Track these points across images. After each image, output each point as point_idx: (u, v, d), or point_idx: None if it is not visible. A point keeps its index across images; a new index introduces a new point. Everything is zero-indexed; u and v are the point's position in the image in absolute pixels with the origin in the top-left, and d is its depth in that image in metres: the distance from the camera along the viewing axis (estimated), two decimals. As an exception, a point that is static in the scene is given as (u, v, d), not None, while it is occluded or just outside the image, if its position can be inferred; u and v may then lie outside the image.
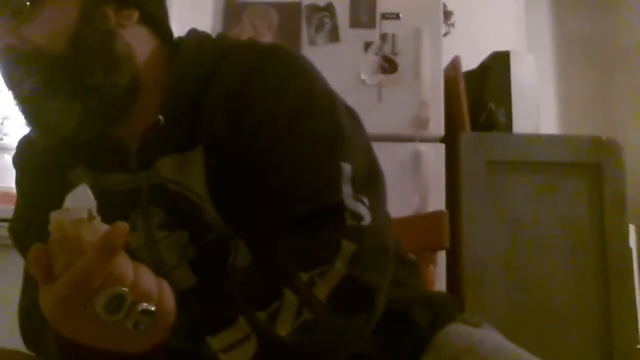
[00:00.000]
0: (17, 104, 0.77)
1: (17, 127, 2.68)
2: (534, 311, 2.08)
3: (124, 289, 0.56)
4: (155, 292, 0.59)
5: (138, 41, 0.80)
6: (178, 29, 0.86)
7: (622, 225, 2.15)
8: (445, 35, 2.52)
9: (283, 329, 0.64)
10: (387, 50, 2.20)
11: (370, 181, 0.76)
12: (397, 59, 2.19)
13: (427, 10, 2.24)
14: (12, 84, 0.76)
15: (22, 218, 0.92)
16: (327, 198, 0.71)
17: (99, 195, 0.81)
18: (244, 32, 3.00)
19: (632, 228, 2.39)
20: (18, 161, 0.94)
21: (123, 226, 0.56)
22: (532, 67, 2.42)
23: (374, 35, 2.21)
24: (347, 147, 0.76)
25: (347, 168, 0.73)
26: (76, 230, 0.56)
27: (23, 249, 0.91)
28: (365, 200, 0.72)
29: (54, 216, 0.56)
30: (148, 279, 0.59)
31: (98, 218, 0.57)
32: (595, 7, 3.25)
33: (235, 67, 0.80)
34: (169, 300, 0.61)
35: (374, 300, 0.69)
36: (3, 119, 2.66)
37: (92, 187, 0.82)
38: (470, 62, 2.44)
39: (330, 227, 0.70)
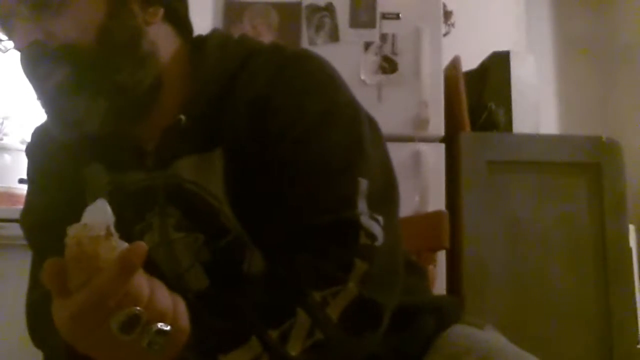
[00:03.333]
0: (40, 99, 0.75)
1: (17, 127, 2.69)
2: (533, 311, 2.08)
3: (139, 309, 0.55)
4: (170, 311, 0.59)
5: (162, 39, 0.80)
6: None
7: (622, 225, 2.15)
8: (445, 35, 2.52)
9: (294, 349, 0.65)
10: (387, 50, 2.20)
11: (386, 198, 0.77)
12: (397, 59, 2.19)
13: (427, 10, 2.24)
14: (36, 79, 0.74)
15: (34, 211, 0.90)
16: (343, 213, 0.72)
17: (114, 193, 0.79)
18: (244, 32, 3.00)
19: (632, 228, 2.39)
20: (32, 151, 0.92)
21: (141, 246, 0.56)
22: (532, 67, 2.42)
23: (374, 35, 2.21)
24: (366, 162, 0.76)
25: (364, 184, 0.73)
26: (94, 247, 0.55)
27: (34, 243, 0.89)
28: (380, 219, 0.73)
29: (72, 231, 0.56)
30: (163, 297, 0.59)
31: (116, 235, 0.57)
32: (595, 7, 3.25)
33: (261, 71, 0.79)
34: (184, 318, 0.61)
35: (381, 318, 0.70)
36: (3, 119, 2.66)
37: (108, 185, 0.81)
38: (470, 62, 2.44)
39: (345, 244, 0.70)
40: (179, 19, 0.83)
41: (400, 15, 2.22)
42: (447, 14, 2.90)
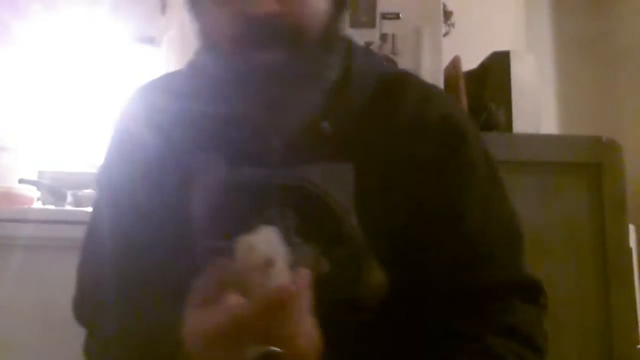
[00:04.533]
0: (240, 69, 0.71)
1: (17, 128, 2.68)
2: (533, 311, 2.07)
3: (279, 350, 0.53)
4: (312, 355, 0.57)
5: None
6: (178, 28, 0.87)
7: (622, 226, 2.15)
8: (445, 35, 2.52)
9: None
10: (387, 50, 2.20)
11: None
12: (397, 59, 2.19)
13: (427, 10, 2.24)
14: (248, 49, 0.71)
15: (126, 189, 0.83)
16: (524, 272, 0.79)
17: (230, 186, 0.77)
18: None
19: (632, 228, 2.39)
20: (131, 114, 0.87)
21: (300, 288, 0.54)
22: (532, 67, 2.42)
23: (374, 35, 2.21)
24: (516, 215, 0.83)
25: (524, 243, 0.80)
26: (251, 273, 0.54)
27: (115, 225, 0.82)
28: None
29: (240, 248, 0.55)
30: (308, 338, 0.57)
31: (279, 266, 0.55)
32: (595, 7, 3.24)
33: (410, 100, 0.79)
34: None
35: None
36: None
37: (225, 177, 0.78)
38: (470, 62, 2.44)
39: (531, 305, 0.75)
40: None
41: (400, 15, 2.22)
42: (447, 14, 2.89)
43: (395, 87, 0.82)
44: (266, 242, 0.56)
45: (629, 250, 2.18)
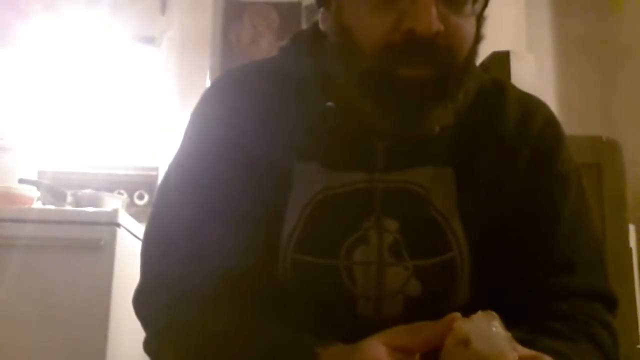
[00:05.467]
0: (382, 79, 0.70)
1: (17, 128, 2.68)
2: (534, 311, 2.07)
3: None
4: None
5: None
6: (178, 28, 0.86)
7: (622, 225, 2.15)
8: (445, 35, 2.52)
9: None
10: (387, 50, 2.19)
11: None
12: (397, 59, 2.18)
13: (427, 10, 2.24)
14: (397, 61, 0.70)
15: (191, 165, 0.80)
16: (608, 284, 0.80)
17: (328, 197, 0.76)
18: (244, 32, 3.00)
19: (632, 228, 2.39)
20: (225, 105, 0.81)
21: None
22: (532, 67, 2.42)
23: (374, 35, 2.21)
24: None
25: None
26: None
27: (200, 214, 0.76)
28: None
29: (450, 339, 0.54)
30: None
31: None
32: (595, 7, 3.24)
33: (512, 110, 0.81)
34: None
35: None
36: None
37: (323, 189, 0.76)
38: (470, 62, 2.44)
39: (610, 314, 0.80)
40: None
41: (400, 15, 2.22)
42: (447, 14, 2.89)
43: (495, 95, 0.83)
44: (484, 335, 0.53)
45: (629, 250, 2.18)
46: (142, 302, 0.77)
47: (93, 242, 2.02)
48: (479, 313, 0.55)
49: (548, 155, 0.81)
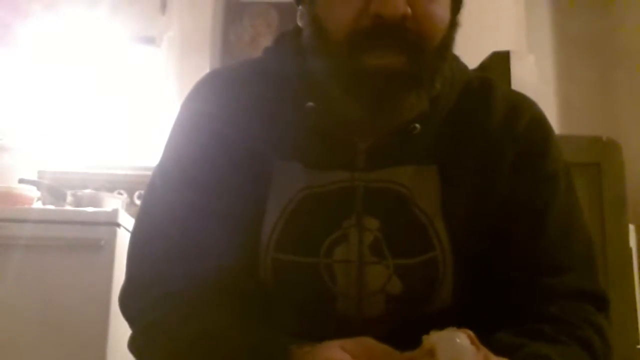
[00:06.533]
0: (355, 68, 0.70)
1: (17, 127, 2.68)
2: (534, 311, 2.07)
3: None
4: None
5: None
6: (178, 28, 0.86)
7: (622, 225, 2.15)
8: (445, 35, 2.52)
9: None
10: (387, 50, 2.19)
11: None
12: (397, 59, 2.18)
13: (427, 10, 2.24)
14: (367, 49, 0.69)
15: (177, 162, 0.80)
16: (598, 284, 0.77)
17: (308, 196, 0.76)
18: (244, 32, 3.00)
19: (632, 228, 2.39)
20: (209, 101, 0.81)
21: None
22: (532, 67, 2.42)
23: (374, 35, 2.21)
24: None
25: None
26: None
27: (165, 194, 0.77)
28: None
29: (420, 350, 0.56)
30: None
31: None
32: (595, 7, 3.25)
33: (498, 108, 0.80)
34: None
35: None
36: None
37: (305, 188, 0.76)
38: (470, 62, 2.43)
39: (602, 314, 0.75)
40: None
41: (400, 15, 2.22)
42: (447, 14, 2.89)
43: (482, 92, 0.83)
44: (450, 349, 0.56)
45: (629, 250, 2.18)
46: (128, 302, 0.77)
47: (93, 242, 2.02)
48: (451, 328, 0.58)
49: (535, 153, 0.80)
